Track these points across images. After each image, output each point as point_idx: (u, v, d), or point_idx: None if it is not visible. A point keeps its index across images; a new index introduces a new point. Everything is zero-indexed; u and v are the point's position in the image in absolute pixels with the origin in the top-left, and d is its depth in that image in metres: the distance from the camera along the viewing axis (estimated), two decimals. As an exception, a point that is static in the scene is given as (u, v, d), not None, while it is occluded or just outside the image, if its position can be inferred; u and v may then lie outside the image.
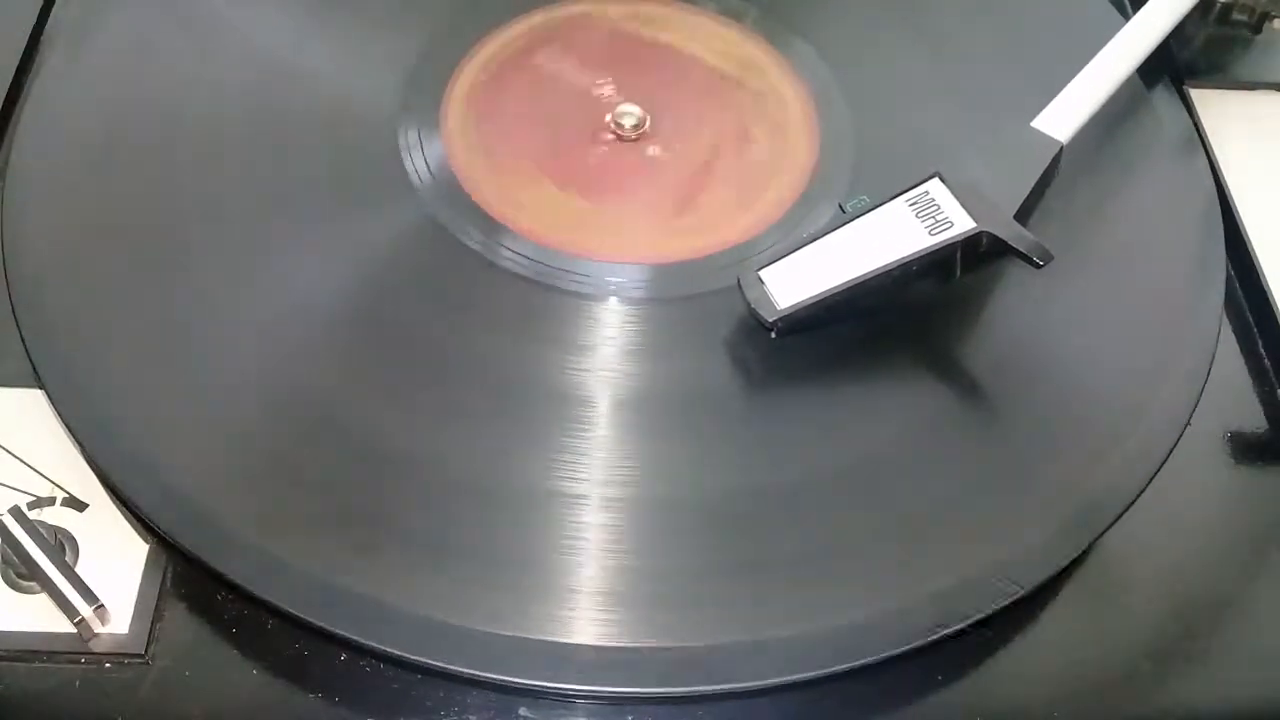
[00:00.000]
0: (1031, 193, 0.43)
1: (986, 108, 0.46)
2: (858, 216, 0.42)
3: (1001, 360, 0.43)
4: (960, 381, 0.43)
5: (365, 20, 0.52)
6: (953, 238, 0.41)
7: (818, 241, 0.42)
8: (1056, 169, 0.45)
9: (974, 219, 0.41)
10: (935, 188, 0.43)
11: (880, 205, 0.43)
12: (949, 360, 0.43)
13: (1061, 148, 0.45)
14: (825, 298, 0.41)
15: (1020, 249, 0.41)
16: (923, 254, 0.41)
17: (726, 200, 0.48)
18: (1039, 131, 0.45)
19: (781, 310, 0.41)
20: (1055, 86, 0.47)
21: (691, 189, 0.48)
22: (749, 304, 0.42)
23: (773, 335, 0.42)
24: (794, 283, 0.42)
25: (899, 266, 0.41)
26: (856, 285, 0.41)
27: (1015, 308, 0.44)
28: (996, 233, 0.41)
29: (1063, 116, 0.46)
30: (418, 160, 0.47)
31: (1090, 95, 0.46)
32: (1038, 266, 0.41)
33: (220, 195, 0.45)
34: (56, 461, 0.40)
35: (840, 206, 0.43)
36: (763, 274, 0.42)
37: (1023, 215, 0.43)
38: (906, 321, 0.44)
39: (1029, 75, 0.47)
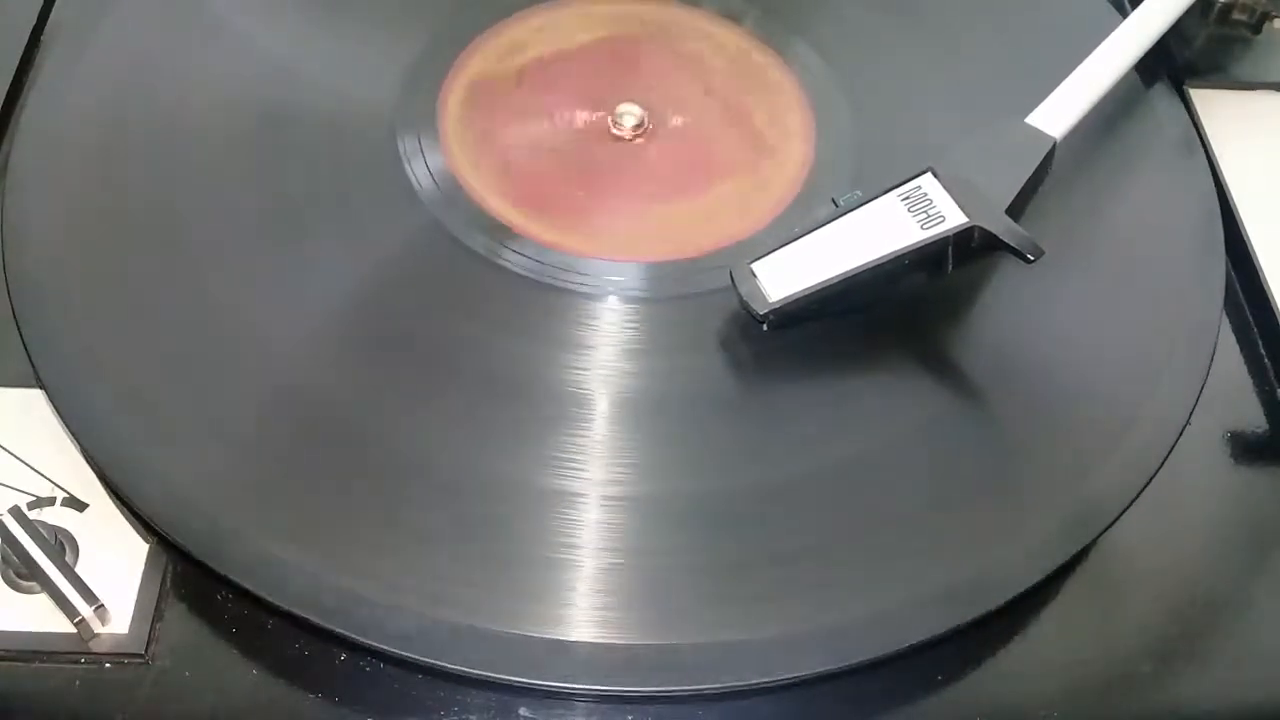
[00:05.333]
0: (1024, 188, 0.43)
1: (986, 106, 0.46)
2: (850, 210, 0.43)
3: (1001, 359, 0.43)
4: (960, 381, 0.43)
5: (363, 22, 0.52)
6: (944, 232, 0.41)
7: (810, 235, 0.42)
8: (1050, 165, 0.45)
9: (966, 213, 0.41)
10: (928, 182, 0.43)
11: (872, 199, 0.43)
12: (951, 360, 0.43)
13: (1055, 144, 0.45)
14: (816, 291, 0.41)
15: (1011, 244, 0.41)
16: (914, 248, 0.41)
17: (726, 199, 0.48)
18: (1033, 127, 0.45)
19: (772, 303, 0.41)
20: (1055, 84, 0.47)
21: (691, 188, 0.48)
22: (741, 297, 0.42)
23: (764, 328, 0.42)
24: (786, 276, 0.42)
25: (890, 261, 0.41)
26: (848, 279, 0.41)
27: (1015, 306, 0.44)
28: (988, 227, 0.41)
29: (1057, 113, 0.46)
30: (417, 162, 0.47)
31: (1085, 92, 0.46)
32: (1029, 262, 0.41)
33: (219, 196, 0.45)
34: (56, 461, 0.40)
35: (833, 200, 0.43)
36: (755, 267, 0.42)
37: (1016, 211, 0.43)
38: (907, 321, 0.44)
39: (1029, 74, 0.47)
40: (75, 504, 0.39)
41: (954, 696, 0.38)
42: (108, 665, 0.37)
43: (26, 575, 0.37)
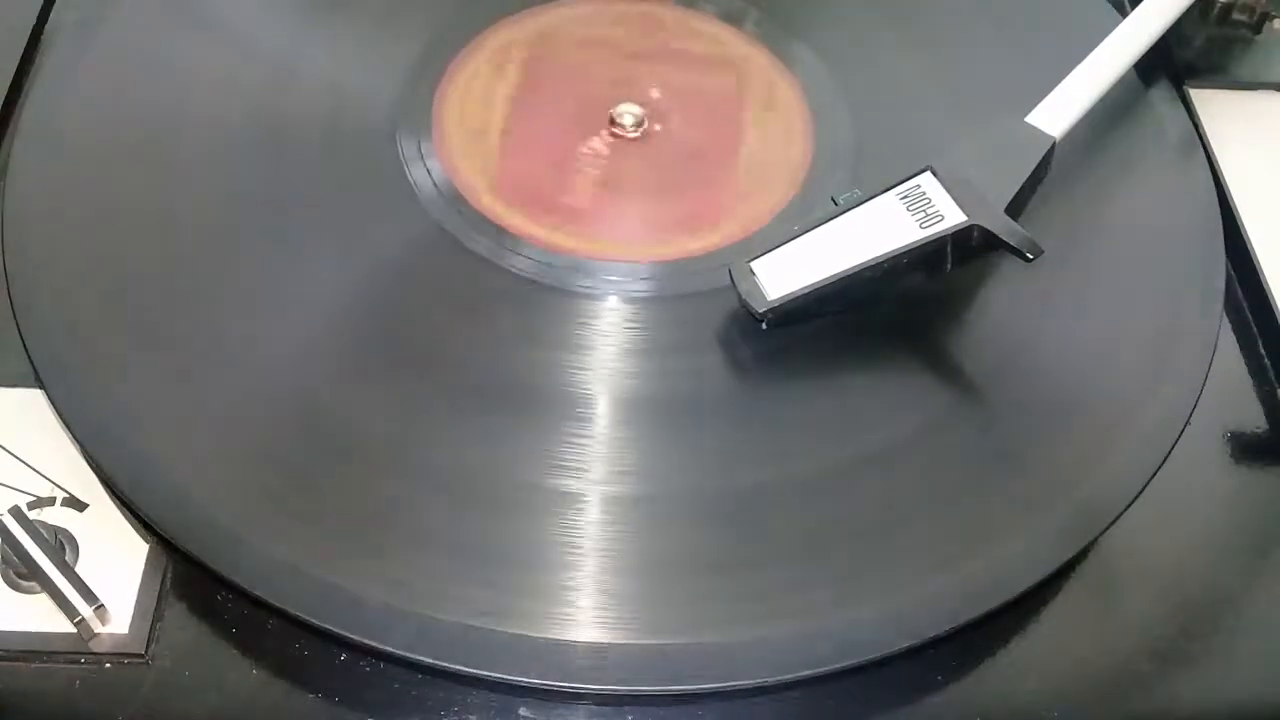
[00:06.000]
0: (1023, 187, 0.43)
1: (986, 107, 0.46)
2: (849, 209, 0.43)
3: (1001, 359, 0.43)
4: (960, 381, 0.43)
5: (363, 23, 0.52)
6: (943, 231, 0.41)
7: (809, 234, 0.42)
8: (1050, 164, 0.45)
9: (965, 212, 0.42)
10: (927, 181, 0.43)
11: (872, 198, 0.43)
12: (950, 359, 0.43)
13: (1054, 143, 0.45)
14: (815, 290, 0.41)
15: (1010, 243, 0.41)
16: (913, 247, 0.41)
17: (726, 199, 0.48)
18: (1032, 127, 0.45)
19: (771, 301, 0.41)
20: (1055, 84, 0.47)
21: (691, 188, 0.48)
22: (740, 295, 0.42)
23: (763, 326, 0.42)
24: (785, 274, 0.42)
25: (889, 259, 0.41)
26: (847, 278, 0.41)
27: (1015, 306, 0.44)
28: (987, 226, 0.41)
29: (1057, 112, 0.46)
30: (417, 164, 0.47)
31: (1085, 91, 0.46)
32: (1027, 260, 0.41)
33: (219, 197, 0.45)
34: (56, 461, 0.40)
35: (832, 199, 0.43)
36: (754, 265, 0.42)
37: (1015, 210, 0.43)
38: (907, 320, 0.44)
39: (1029, 74, 0.47)
40: (75, 504, 0.39)
41: (954, 696, 0.38)
42: (108, 665, 0.37)
43: (26, 575, 0.37)
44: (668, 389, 0.42)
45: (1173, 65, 0.53)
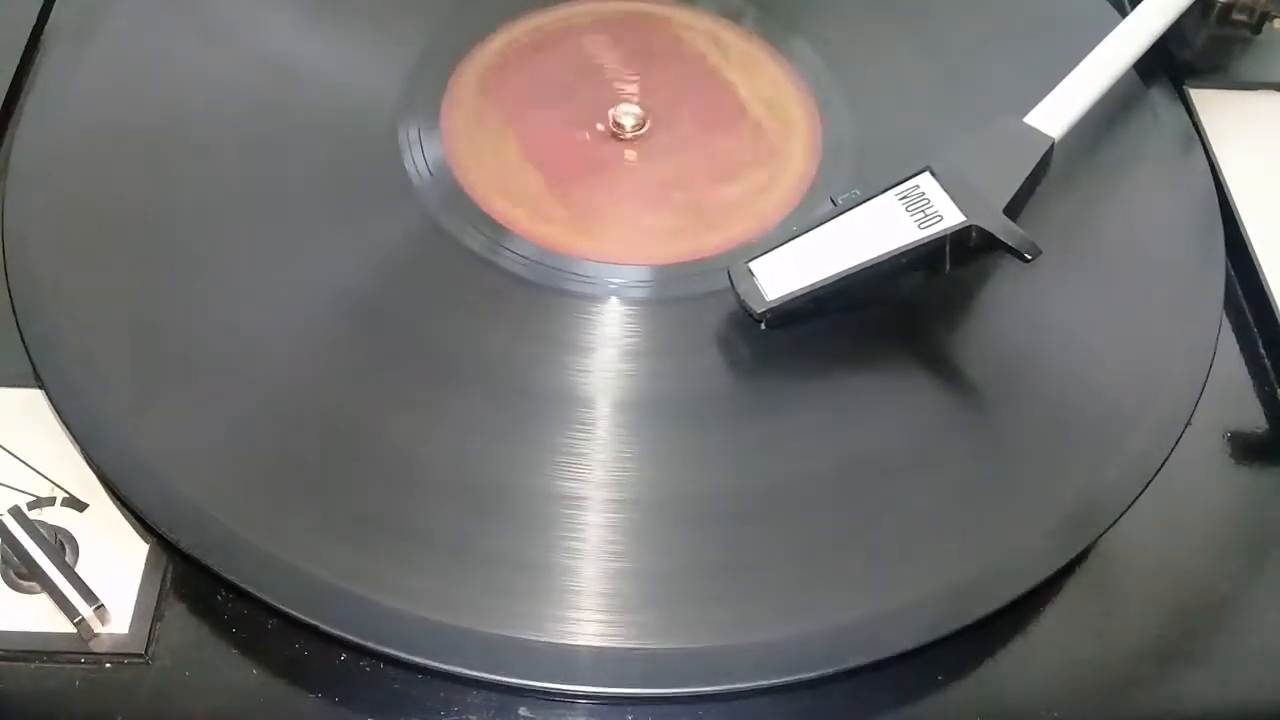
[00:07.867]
0: (1022, 188, 0.43)
1: (987, 106, 0.46)
2: (848, 209, 0.43)
3: (1001, 359, 0.43)
4: (959, 381, 0.43)
5: (366, 19, 0.52)
6: (942, 231, 0.41)
7: (808, 234, 0.42)
8: (1049, 165, 0.45)
9: (963, 213, 0.42)
10: (925, 181, 0.43)
11: (870, 198, 0.43)
12: (949, 359, 0.43)
13: (1053, 143, 0.45)
14: (814, 290, 0.41)
15: (1009, 243, 0.41)
16: (911, 247, 0.41)
17: (726, 200, 0.48)
18: (1031, 127, 0.45)
19: (770, 302, 0.41)
20: (1054, 84, 0.47)
21: (691, 189, 0.48)
22: (739, 296, 0.42)
23: (762, 327, 0.42)
24: (783, 275, 0.42)
25: (888, 260, 0.41)
26: (845, 278, 0.41)
27: (1013, 306, 0.44)
28: (985, 226, 0.41)
29: (1056, 112, 0.46)
30: (418, 160, 0.47)
31: (1084, 92, 0.46)
32: (1026, 261, 0.41)
33: (220, 195, 0.45)
34: (56, 461, 0.40)
35: (831, 199, 0.43)
36: (753, 266, 0.42)
37: (1014, 210, 0.43)
38: (906, 320, 0.44)
39: (1030, 73, 0.47)
40: (75, 504, 0.39)
41: (954, 696, 0.38)
42: (108, 665, 0.37)
43: (26, 575, 0.37)
44: (667, 390, 0.42)
45: (1173, 65, 0.53)
